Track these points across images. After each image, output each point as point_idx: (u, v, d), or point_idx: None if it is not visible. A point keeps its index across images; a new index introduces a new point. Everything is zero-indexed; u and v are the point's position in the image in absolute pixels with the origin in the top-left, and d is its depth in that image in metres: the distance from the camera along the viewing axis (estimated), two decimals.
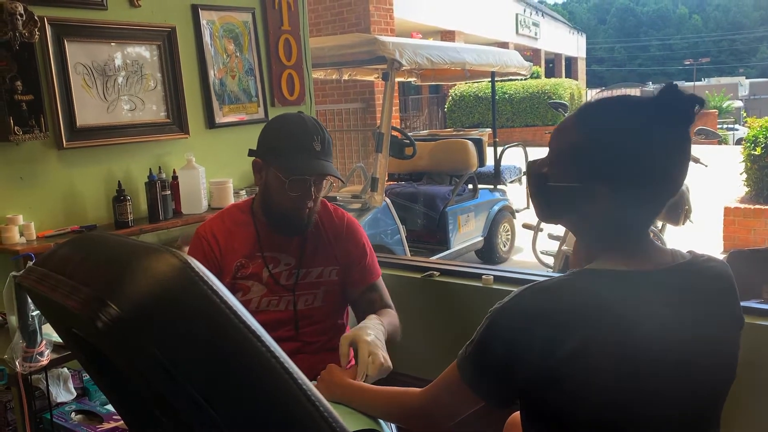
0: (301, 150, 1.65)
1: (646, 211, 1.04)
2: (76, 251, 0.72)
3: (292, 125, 1.69)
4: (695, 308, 1.00)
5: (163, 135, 2.66)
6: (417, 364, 2.31)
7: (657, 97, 1.00)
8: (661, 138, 0.99)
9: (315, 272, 1.80)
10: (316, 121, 1.72)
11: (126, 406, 0.82)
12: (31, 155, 2.30)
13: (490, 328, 1.03)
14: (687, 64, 41.38)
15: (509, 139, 9.07)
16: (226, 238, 1.76)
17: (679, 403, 0.99)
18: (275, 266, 1.76)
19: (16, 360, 1.67)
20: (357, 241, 1.85)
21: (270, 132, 1.74)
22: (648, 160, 0.99)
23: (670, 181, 1.02)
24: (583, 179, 1.01)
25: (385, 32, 7.47)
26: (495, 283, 2.48)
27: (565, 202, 1.05)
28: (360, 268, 1.84)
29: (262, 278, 1.75)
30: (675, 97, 0.99)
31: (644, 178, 0.99)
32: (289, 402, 0.64)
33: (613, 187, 0.99)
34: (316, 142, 1.66)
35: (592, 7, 57.32)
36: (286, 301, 1.76)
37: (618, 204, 1.00)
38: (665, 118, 0.99)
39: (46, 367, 1.71)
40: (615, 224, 1.03)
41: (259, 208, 1.79)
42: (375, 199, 4.35)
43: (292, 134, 1.67)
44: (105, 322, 0.58)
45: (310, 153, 1.66)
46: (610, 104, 1.05)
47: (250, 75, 3.01)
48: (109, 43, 2.48)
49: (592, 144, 1.01)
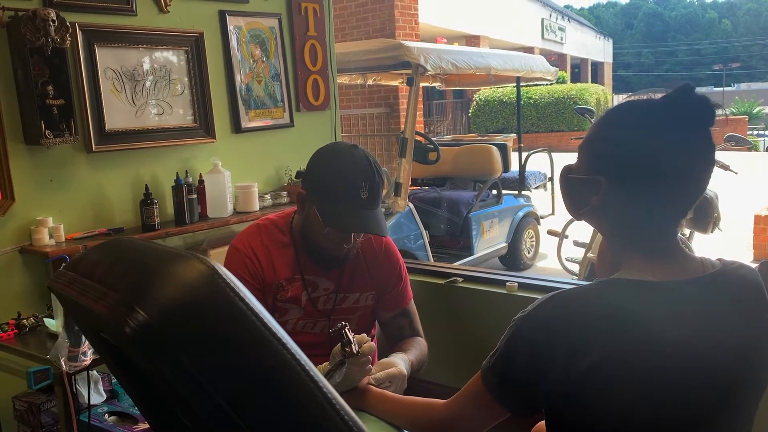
0: (346, 199, 1.56)
1: (664, 214, 1.02)
2: (105, 256, 0.72)
3: (341, 166, 1.58)
4: (724, 319, 0.98)
5: (190, 139, 2.69)
6: (440, 371, 2.29)
7: (668, 96, 1.01)
8: (673, 138, 0.98)
9: (352, 298, 1.77)
10: (368, 160, 1.59)
11: (151, 409, 0.83)
12: (61, 159, 2.34)
13: (514, 337, 1.02)
14: (716, 69, 40.77)
15: (534, 144, 9.02)
16: (266, 257, 1.71)
17: (706, 417, 0.97)
18: (314, 290, 1.73)
19: (62, 359, 1.68)
20: (394, 267, 1.83)
21: (318, 166, 1.64)
22: (659, 159, 0.98)
23: (688, 183, 1.00)
24: (595, 172, 1.03)
25: (410, 37, 7.48)
26: (519, 290, 2.46)
27: (580, 194, 1.07)
28: (394, 293, 1.81)
29: (301, 302, 1.72)
30: (686, 97, 0.99)
31: (655, 177, 0.99)
32: (314, 410, 0.64)
33: (625, 182, 1.00)
34: (364, 191, 1.56)
35: (619, 11, 56.75)
36: (321, 325, 1.75)
37: (632, 203, 1.01)
38: (677, 118, 0.99)
39: (88, 367, 1.73)
40: (634, 225, 1.03)
41: (298, 233, 1.73)
42: (398, 204, 4.35)
43: (340, 177, 1.57)
44: (132, 328, 0.58)
45: (355, 204, 1.56)
46: (628, 104, 1.09)
47: (276, 80, 3.03)
48: (138, 48, 2.52)
49: (605, 139, 1.05)
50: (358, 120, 7.16)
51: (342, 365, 1.37)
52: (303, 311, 1.72)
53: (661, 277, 0.99)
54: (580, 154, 1.08)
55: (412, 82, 4.48)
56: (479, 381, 1.07)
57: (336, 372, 1.37)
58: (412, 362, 1.62)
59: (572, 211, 1.12)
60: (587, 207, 1.06)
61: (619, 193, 1.01)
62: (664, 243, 1.03)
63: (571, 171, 1.09)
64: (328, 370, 1.38)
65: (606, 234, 1.10)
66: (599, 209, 1.04)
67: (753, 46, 47.16)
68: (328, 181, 1.59)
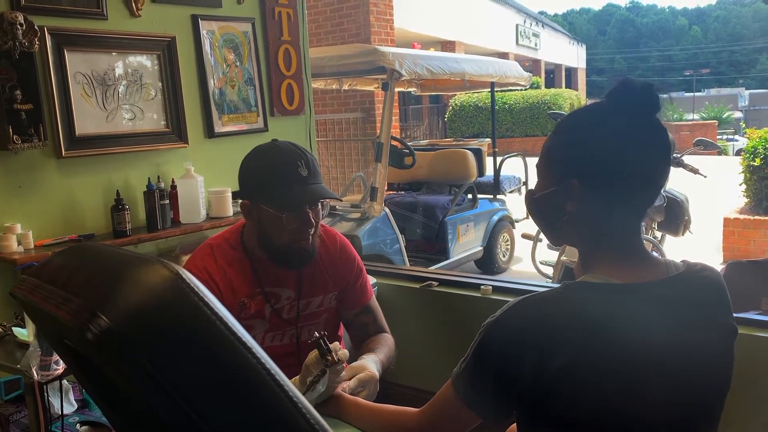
0: (289, 181, 1.57)
1: (624, 211, 1.03)
2: (68, 261, 0.71)
3: (270, 158, 1.61)
4: (688, 320, 1.00)
5: (162, 144, 2.66)
6: (414, 375, 2.30)
7: (611, 91, 1.02)
8: (619, 131, 1.00)
9: (316, 302, 1.76)
10: (293, 145, 1.63)
11: (117, 416, 0.82)
12: (30, 164, 2.30)
13: (483, 343, 1.02)
14: (687, 74, 41.55)
15: (509, 149, 9.07)
16: (223, 278, 1.66)
17: (673, 415, 0.99)
18: (276, 301, 1.70)
19: (33, 368, 1.64)
20: (351, 264, 1.81)
21: (250, 171, 1.64)
22: (610, 155, 1.00)
23: (643, 177, 1.01)
24: (563, 177, 1.03)
25: (386, 42, 7.50)
26: (494, 293, 2.48)
27: (553, 207, 1.07)
28: (354, 290, 1.80)
29: (265, 315, 1.69)
30: (627, 89, 1.01)
31: (609, 172, 1.00)
32: (280, 415, 0.63)
33: (582, 183, 1.01)
34: (302, 168, 1.58)
35: (592, 18, 57.57)
36: (289, 334, 1.73)
37: (596, 200, 1.02)
38: (621, 110, 1.01)
39: (60, 376, 1.70)
40: (599, 224, 1.03)
41: (254, 245, 1.69)
42: (374, 209, 4.36)
43: (273, 167, 1.59)
44: (95, 334, 0.58)
45: (298, 181, 1.58)
46: (576, 110, 1.12)
47: (249, 85, 3.02)
48: (109, 52, 2.49)
49: (558, 145, 1.06)
50: (333, 125, 7.15)
51: (324, 374, 1.37)
52: (268, 324, 1.69)
53: (626, 279, 1.00)
54: (540, 170, 1.09)
55: (388, 87, 4.50)
56: (450, 388, 1.07)
57: (319, 382, 1.37)
58: (383, 361, 1.62)
59: (549, 228, 1.11)
60: (564, 217, 1.05)
61: (588, 192, 1.01)
62: (629, 244, 1.05)
63: (534, 192, 1.10)
64: (310, 381, 1.37)
65: (576, 242, 1.10)
66: (575, 216, 1.04)
67: (722, 52, 48.18)
68: (265, 174, 1.60)
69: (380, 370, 1.57)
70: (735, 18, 51.19)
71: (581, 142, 1.03)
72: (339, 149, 6.90)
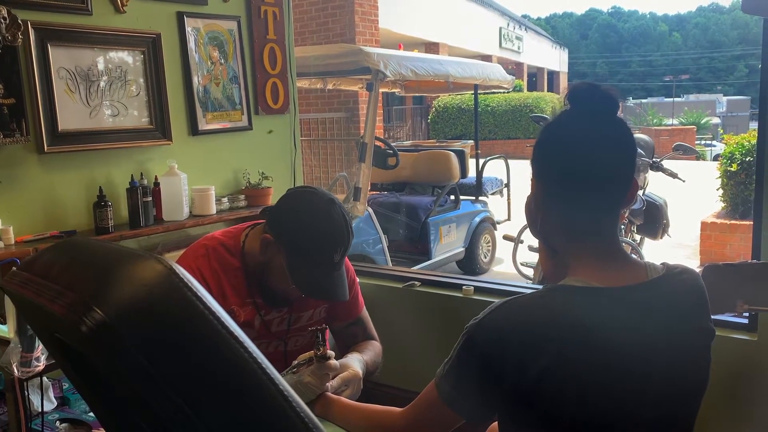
0: (319, 264, 1.51)
1: (597, 209, 1.05)
2: (60, 256, 0.72)
3: (319, 224, 1.51)
4: (667, 323, 1.02)
5: (145, 141, 2.65)
6: (397, 375, 2.31)
7: (570, 96, 1.07)
8: (579, 131, 1.04)
9: (306, 315, 1.75)
10: (345, 220, 1.54)
11: (107, 412, 0.82)
12: (12, 159, 2.28)
13: (466, 345, 1.04)
14: (667, 80, 42.05)
15: (491, 151, 9.12)
16: (216, 283, 1.62)
17: (653, 415, 1.01)
18: (267, 313, 1.68)
19: (14, 364, 1.62)
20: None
21: (292, 218, 1.55)
22: (574, 155, 1.03)
23: (609, 175, 1.04)
24: (534, 183, 1.10)
25: (370, 43, 7.52)
26: (475, 293, 2.50)
27: (528, 209, 1.13)
28: (347, 303, 1.76)
29: (254, 325, 1.66)
30: (584, 92, 1.05)
31: (574, 172, 1.03)
32: (272, 408, 0.64)
33: (555, 184, 1.06)
34: (338, 254, 1.52)
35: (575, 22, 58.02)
36: (275, 345, 1.72)
37: (565, 203, 1.06)
38: (580, 111, 1.05)
39: (41, 373, 1.68)
40: (570, 225, 1.07)
41: (254, 263, 1.63)
42: (357, 209, 4.36)
43: (315, 239, 1.51)
44: (89, 327, 0.58)
45: (327, 264, 1.52)
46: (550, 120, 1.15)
47: (234, 83, 3.01)
48: (92, 48, 2.47)
49: (534, 149, 1.10)
50: (317, 124, 7.15)
51: (310, 363, 1.39)
52: (256, 333, 1.67)
53: (607, 282, 1.02)
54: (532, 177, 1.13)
55: (372, 88, 4.51)
56: (434, 388, 1.09)
57: (304, 371, 1.39)
58: (367, 362, 1.63)
59: (532, 228, 1.15)
60: (540, 216, 1.09)
61: (561, 193, 1.05)
62: (608, 246, 1.07)
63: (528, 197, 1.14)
64: (296, 364, 1.39)
65: (556, 240, 1.13)
66: (551, 216, 1.08)
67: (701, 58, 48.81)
68: (303, 239, 1.52)
69: (364, 370, 1.58)
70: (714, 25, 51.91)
71: (545, 145, 1.08)
72: (323, 149, 6.90)
